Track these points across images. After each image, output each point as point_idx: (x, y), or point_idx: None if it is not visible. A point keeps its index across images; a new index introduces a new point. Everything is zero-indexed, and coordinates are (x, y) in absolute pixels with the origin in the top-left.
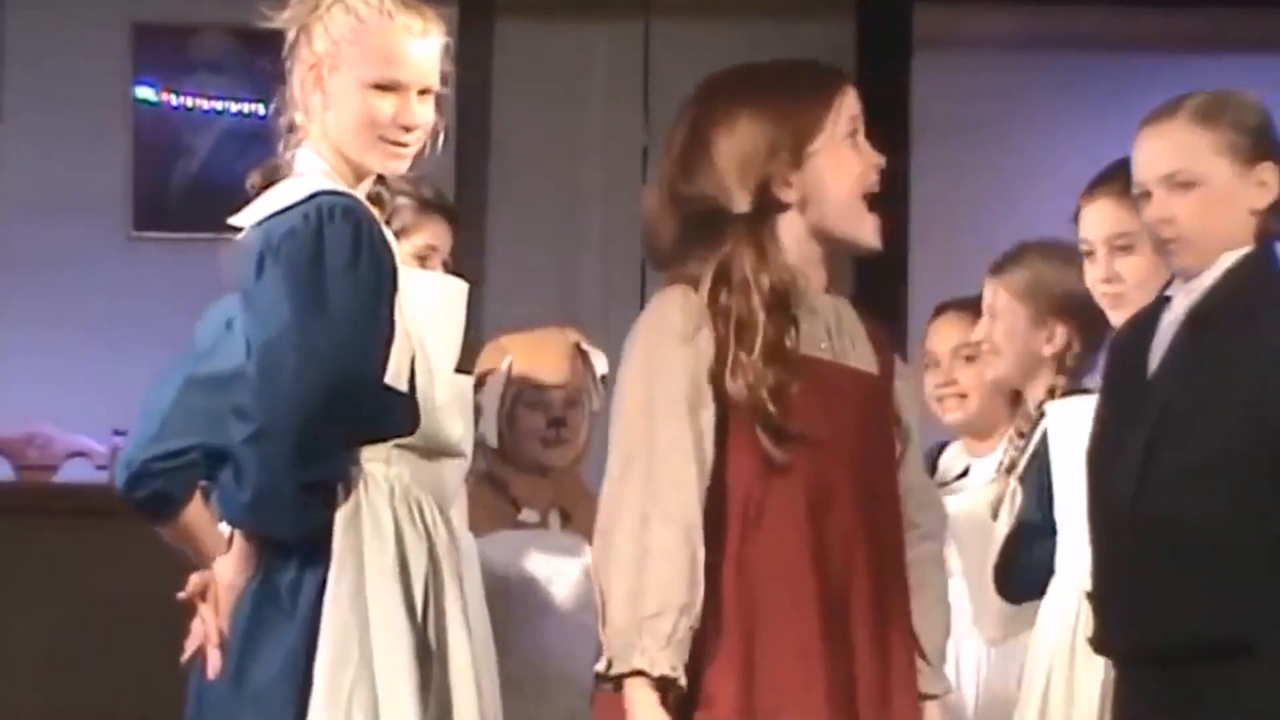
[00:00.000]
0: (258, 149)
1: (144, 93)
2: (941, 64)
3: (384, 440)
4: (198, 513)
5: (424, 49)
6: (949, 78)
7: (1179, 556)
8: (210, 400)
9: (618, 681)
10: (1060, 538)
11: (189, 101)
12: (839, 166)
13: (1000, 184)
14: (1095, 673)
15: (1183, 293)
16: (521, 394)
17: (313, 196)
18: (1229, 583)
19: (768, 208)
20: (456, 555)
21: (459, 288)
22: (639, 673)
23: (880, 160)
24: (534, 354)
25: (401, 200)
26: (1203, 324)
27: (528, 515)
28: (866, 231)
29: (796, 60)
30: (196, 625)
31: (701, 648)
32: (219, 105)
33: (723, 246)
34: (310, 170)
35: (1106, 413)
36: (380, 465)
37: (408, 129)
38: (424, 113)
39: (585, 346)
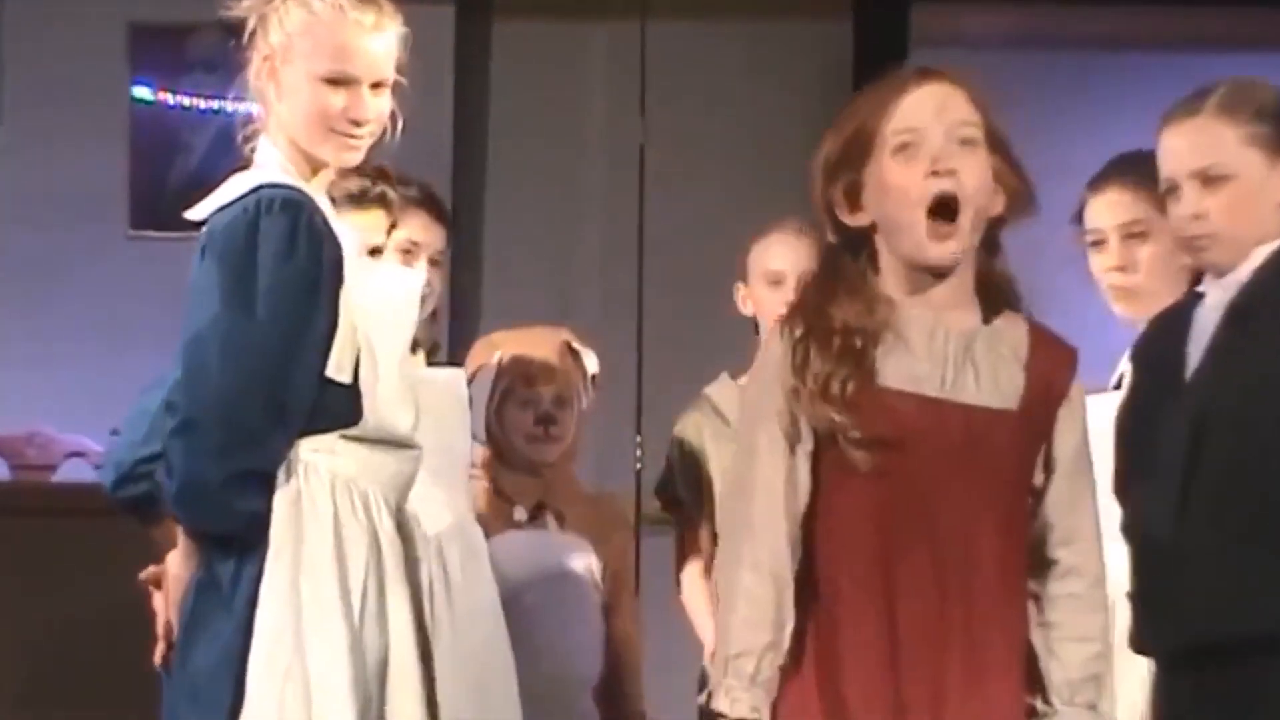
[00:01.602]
0: None
1: (141, 92)
2: (939, 63)
3: (325, 431)
4: None
5: (377, 43)
6: None
7: (1226, 553)
8: None
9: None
10: None
11: (186, 101)
12: (883, 185)
13: None
14: (1137, 672)
15: (1218, 288)
16: (511, 391)
17: (257, 189)
18: (1276, 578)
19: (845, 234)
20: (406, 547)
21: (411, 279)
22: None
23: (942, 165)
24: (524, 351)
25: None
26: (1243, 319)
27: (518, 514)
28: (915, 247)
29: (895, 72)
30: None
31: (785, 679)
32: (216, 104)
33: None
34: (266, 162)
35: (1140, 412)
36: (325, 456)
37: (358, 123)
38: (377, 106)
39: (576, 345)
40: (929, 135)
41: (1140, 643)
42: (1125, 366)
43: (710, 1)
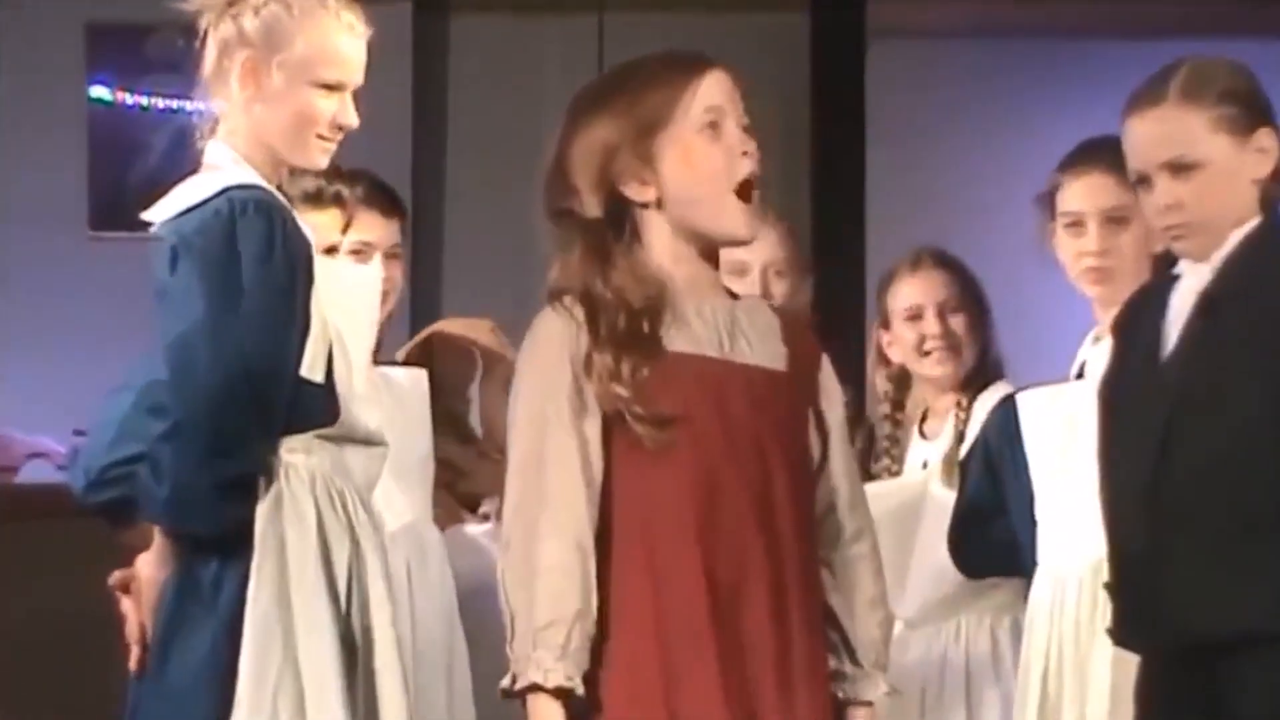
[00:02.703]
0: None
1: (99, 92)
2: (897, 54)
3: (303, 431)
4: None
5: (362, 48)
6: (905, 68)
7: (1201, 544)
8: None
9: (522, 696)
10: (1040, 530)
11: (144, 101)
12: (691, 159)
13: (958, 175)
14: (1105, 663)
15: (1192, 272)
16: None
17: (225, 190)
18: (1255, 571)
19: (620, 209)
20: (380, 544)
21: (371, 275)
22: (537, 686)
23: (748, 147)
24: (491, 340)
25: None
26: (1213, 308)
27: (488, 506)
28: (730, 223)
29: (658, 54)
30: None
31: (596, 652)
32: (175, 104)
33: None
34: (222, 162)
35: (1116, 396)
36: (300, 456)
37: (342, 129)
38: (354, 112)
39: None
40: (729, 118)
41: (1121, 638)
42: (1086, 355)
43: None
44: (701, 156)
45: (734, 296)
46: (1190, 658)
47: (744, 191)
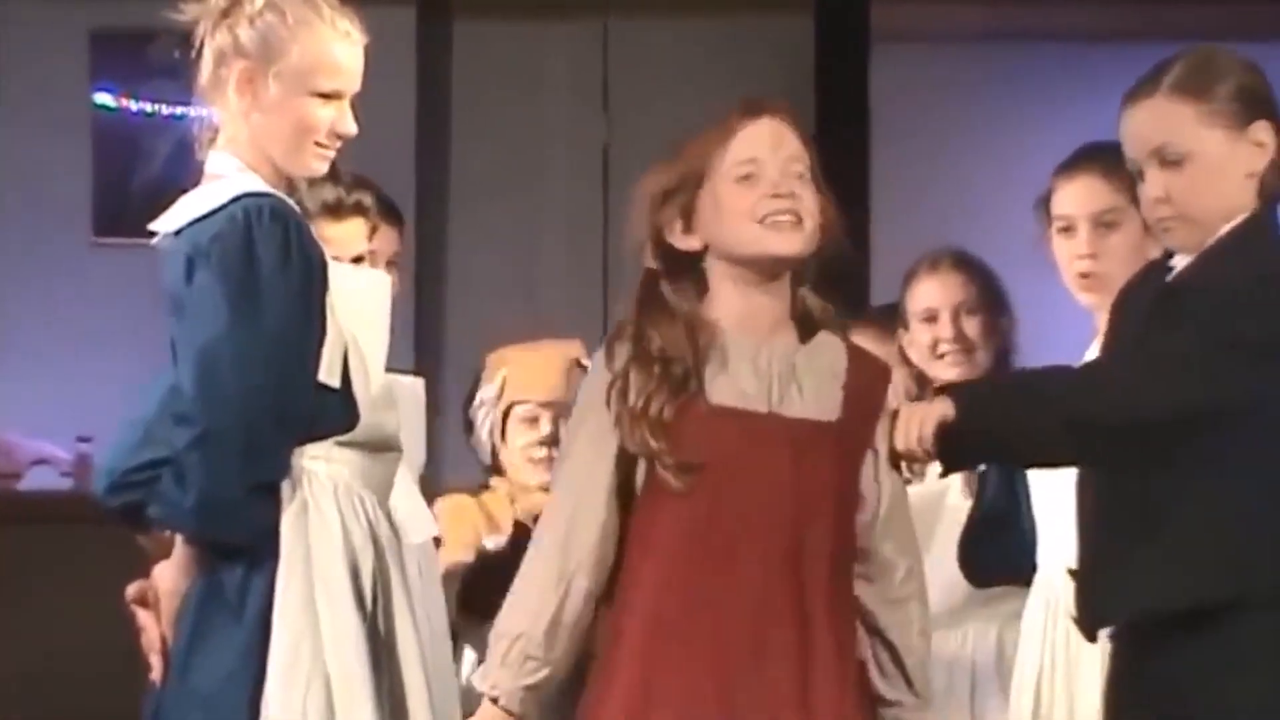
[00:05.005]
0: None
1: (103, 99)
2: (901, 59)
3: (324, 438)
4: None
5: (359, 55)
6: (908, 72)
7: (1114, 527)
8: None
9: None
10: (1039, 534)
11: (148, 107)
12: (723, 206)
13: (962, 179)
14: (1095, 665)
15: (1181, 264)
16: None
17: (237, 199)
18: (1183, 549)
19: (671, 257)
20: (399, 550)
21: (381, 281)
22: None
23: (782, 189)
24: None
25: None
26: (1167, 301)
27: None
28: (770, 244)
29: (730, 106)
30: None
31: (600, 685)
32: (178, 110)
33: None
34: (226, 171)
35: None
36: (322, 463)
37: (341, 137)
38: (353, 120)
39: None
40: (767, 167)
41: (1078, 620)
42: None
43: (672, 0)
44: (733, 201)
45: (808, 336)
46: (1139, 639)
47: (768, 222)
